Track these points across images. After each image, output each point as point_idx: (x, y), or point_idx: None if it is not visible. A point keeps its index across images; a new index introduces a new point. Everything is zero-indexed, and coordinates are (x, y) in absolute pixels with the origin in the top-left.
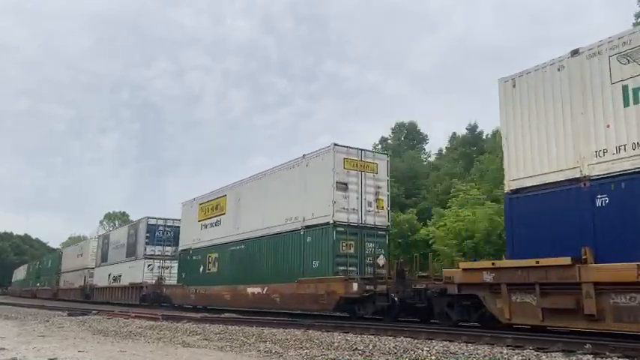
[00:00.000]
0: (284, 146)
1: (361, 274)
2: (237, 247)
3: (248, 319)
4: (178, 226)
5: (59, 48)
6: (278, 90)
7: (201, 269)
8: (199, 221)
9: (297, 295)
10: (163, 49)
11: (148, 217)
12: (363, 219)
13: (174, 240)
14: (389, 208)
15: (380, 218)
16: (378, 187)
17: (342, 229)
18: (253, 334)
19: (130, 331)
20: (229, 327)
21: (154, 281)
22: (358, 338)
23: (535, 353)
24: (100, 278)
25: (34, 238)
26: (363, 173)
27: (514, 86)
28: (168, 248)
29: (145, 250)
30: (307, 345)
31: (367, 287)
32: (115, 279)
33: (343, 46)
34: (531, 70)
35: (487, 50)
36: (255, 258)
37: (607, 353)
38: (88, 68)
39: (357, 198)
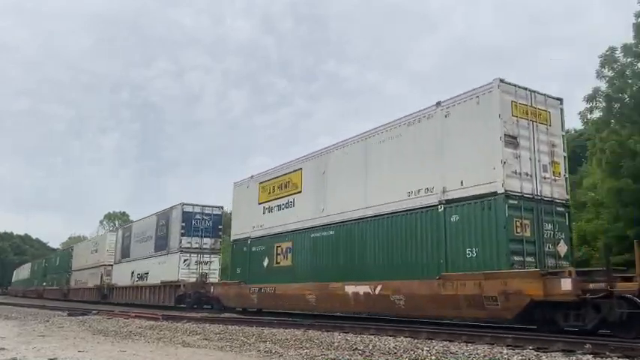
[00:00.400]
0: (284, 146)
1: (541, 267)
2: (323, 234)
3: (248, 319)
4: (218, 214)
5: (59, 48)
6: (278, 90)
7: (265, 262)
8: (261, 204)
9: (442, 297)
10: (163, 49)
11: (183, 204)
12: (539, 189)
13: (213, 230)
14: (567, 175)
15: (557, 189)
16: (553, 146)
17: (515, 202)
18: (253, 334)
19: (130, 331)
20: (229, 327)
21: (192, 279)
22: (358, 338)
23: (535, 353)
24: (121, 276)
25: (34, 238)
26: (534, 124)
27: None
28: (206, 240)
29: (181, 242)
30: (307, 345)
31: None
32: (141, 277)
33: (343, 46)
34: None
35: (487, 50)
36: (354, 246)
37: (607, 353)
38: (88, 68)
39: (530, 159)
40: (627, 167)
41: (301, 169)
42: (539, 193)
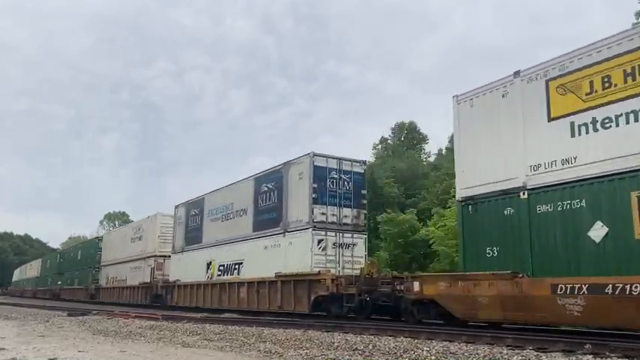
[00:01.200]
0: (284, 146)
1: None
2: None
3: (248, 319)
4: (360, 173)
5: (59, 48)
6: (278, 90)
7: (597, 233)
8: (560, 118)
9: None
10: (163, 49)
11: (314, 154)
12: None
13: (356, 197)
14: None
15: None
16: None
17: None
18: (253, 334)
19: (130, 331)
20: (229, 327)
21: (332, 270)
22: (358, 338)
23: (535, 353)
24: (185, 270)
25: (34, 238)
26: None
27: None
28: (347, 211)
29: (312, 213)
30: (307, 345)
31: None
32: (227, 270)
33: (343, 46)
34: None
35: (487, 50)
36: None
37: (607, 353)
38: (88, 68)
39: None
40: None
41: None
42: None
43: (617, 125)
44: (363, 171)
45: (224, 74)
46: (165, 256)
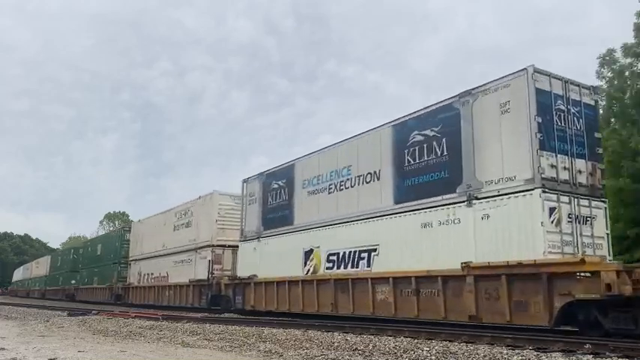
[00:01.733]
0: (284, 146)
1: None
2: None
3: (248, 319)
4: (591, 106)
5: (60, 48)
6: (279, 90)
7: None
8: None
9: None
10: (165, 49)
11: (535, 70)
12: None
13: (589, 142)
14: None
15: None
16: None
17: None
18: (253, 334)
19: (130, 331)
20: (229, 327)
21: (556, 255)
22: (358, 338)
23: (535, 353)
24: (262, 263)
25: (34, 238)
26: None
27: None
28: (579, 163)
29: (539, 164)
30: (307, 345)
31: None
32: (343, 260)
33: (345, 47)
34: None
35: (489, 50)
36: None
37: (607, 353)
38: (89, 68)
39: None
40: (627, 167)
41: None
42: None
43: None
44: (594, 103)
45: (225, 74)
46: (224, 246)
